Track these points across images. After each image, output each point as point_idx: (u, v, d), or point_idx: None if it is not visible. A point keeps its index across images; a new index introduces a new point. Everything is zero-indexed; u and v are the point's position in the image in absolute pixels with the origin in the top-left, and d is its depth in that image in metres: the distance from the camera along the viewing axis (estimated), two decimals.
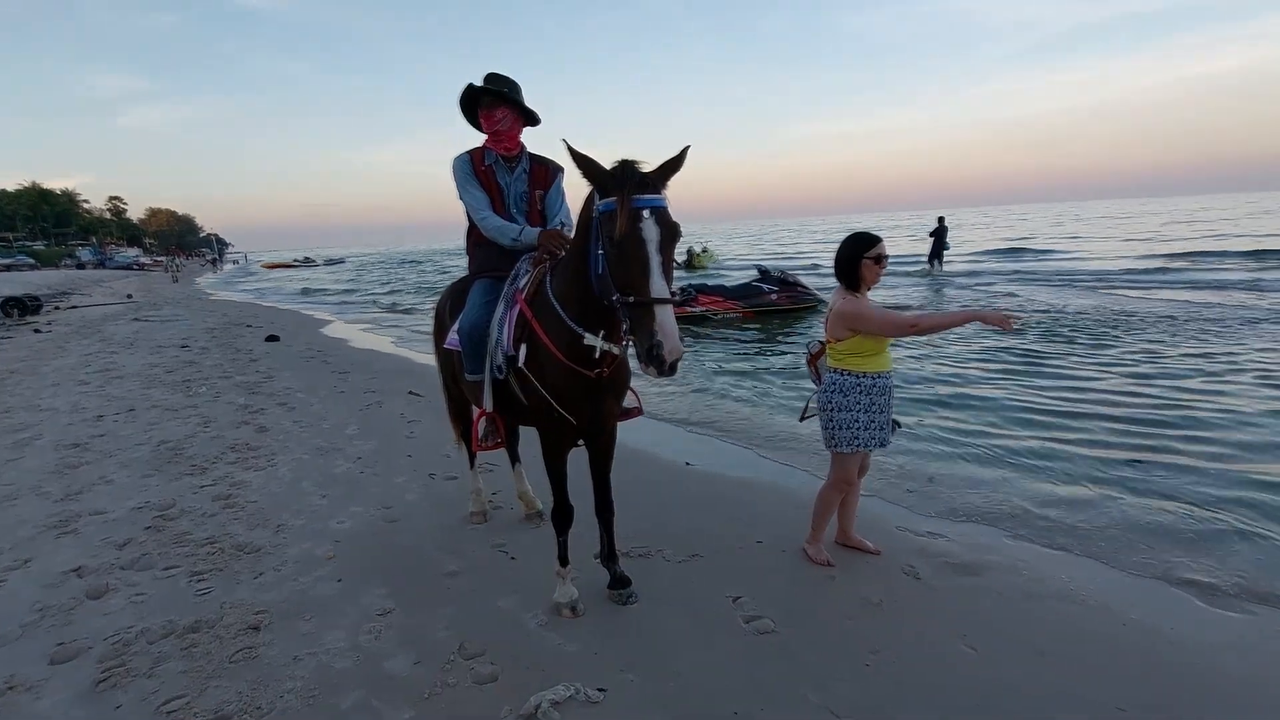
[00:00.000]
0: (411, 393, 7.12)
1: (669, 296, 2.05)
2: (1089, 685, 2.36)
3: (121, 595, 3.07)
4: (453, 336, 3.07)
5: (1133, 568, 3.22)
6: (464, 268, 3.34)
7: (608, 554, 3.03)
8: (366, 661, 2.56)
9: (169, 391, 7.53)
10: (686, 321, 12.43)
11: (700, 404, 6.69)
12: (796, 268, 19.37)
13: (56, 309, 19.48)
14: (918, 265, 21.33)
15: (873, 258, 2.98)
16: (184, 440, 5.51)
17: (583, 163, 2.19)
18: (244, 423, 6.07)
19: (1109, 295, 13.95)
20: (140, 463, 4.96)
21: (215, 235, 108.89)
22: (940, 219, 21.12)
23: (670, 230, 2.12)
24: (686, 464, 4.83)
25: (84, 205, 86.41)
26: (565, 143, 2.20)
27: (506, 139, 3.01)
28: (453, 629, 2.76)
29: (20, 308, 17.09)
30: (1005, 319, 2.70)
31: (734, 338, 10.61)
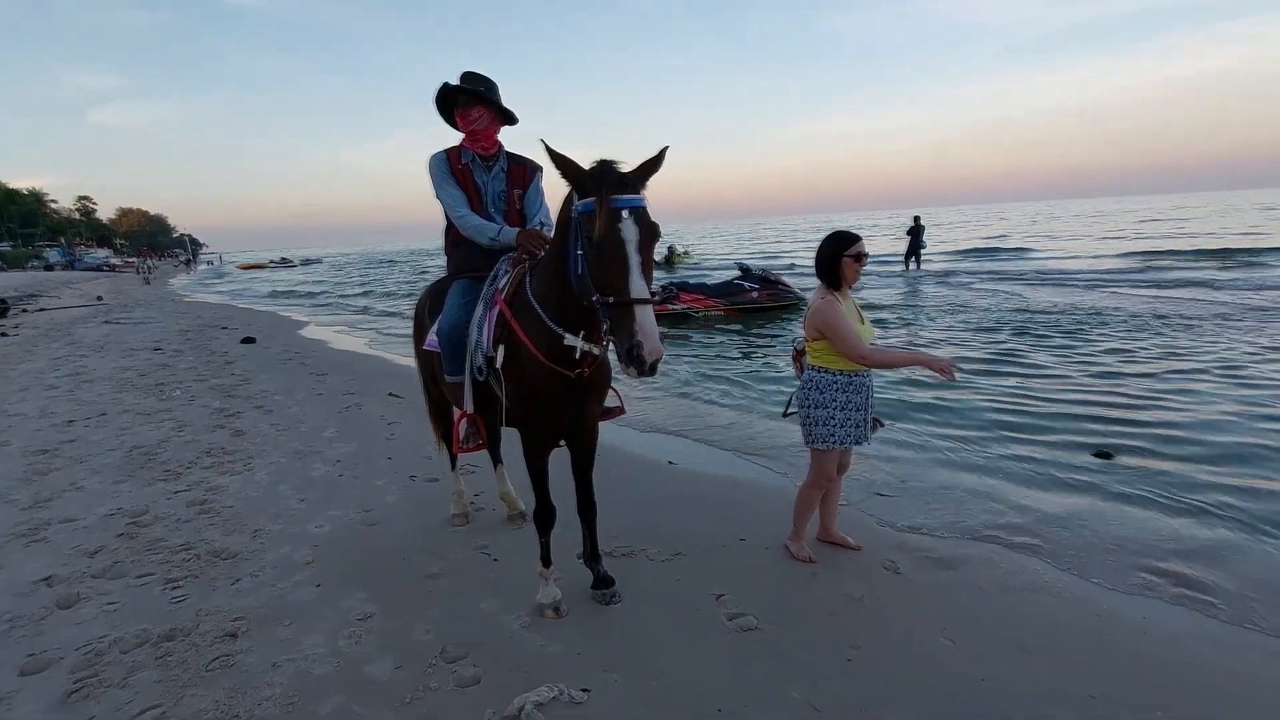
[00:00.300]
0: (392, 394, 7.05)
1: (648, 297, 2.05)
2: (1067, 678, 2.40)
3: (93, 604, 3.01)
4: (432, 338, 3.05)
5: (1106, 561, 3.28)
6: (442, 268, 3.32)
7: (590, 554, 3.03)
8: (347, 666, 2.53)
9: (141, 395, 7.38)
10: (669, 319, 12.46)
11: (682, 405, 6.70)
12: (776, 267, 19.50)
13: (24, 311, 18.98)
14: (897, 264, 21.55)
15: (852, 256, 3.02)
16: (157, 445, 5.41)
17: (561, 162, 2.18)
18: (219, 426, 5.97)
19: (1081, 293, 14.22)
20: (112, 468, 4.86)
21: (189, 236, 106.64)
22: (916, 218, 21.32)
23: (649, 230, 2.11)
24: (670, 463, 4.84)
25: (51, 205, 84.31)
26: (543, 142, 2.19)
27: (483, 138, 2.99)
28: (434, 632, 2.74)
29: None
30: (948, 368, 2.73)
31: (716, 340, 10.63)
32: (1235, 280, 14.68)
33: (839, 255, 3.03)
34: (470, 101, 2.91)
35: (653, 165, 2.19)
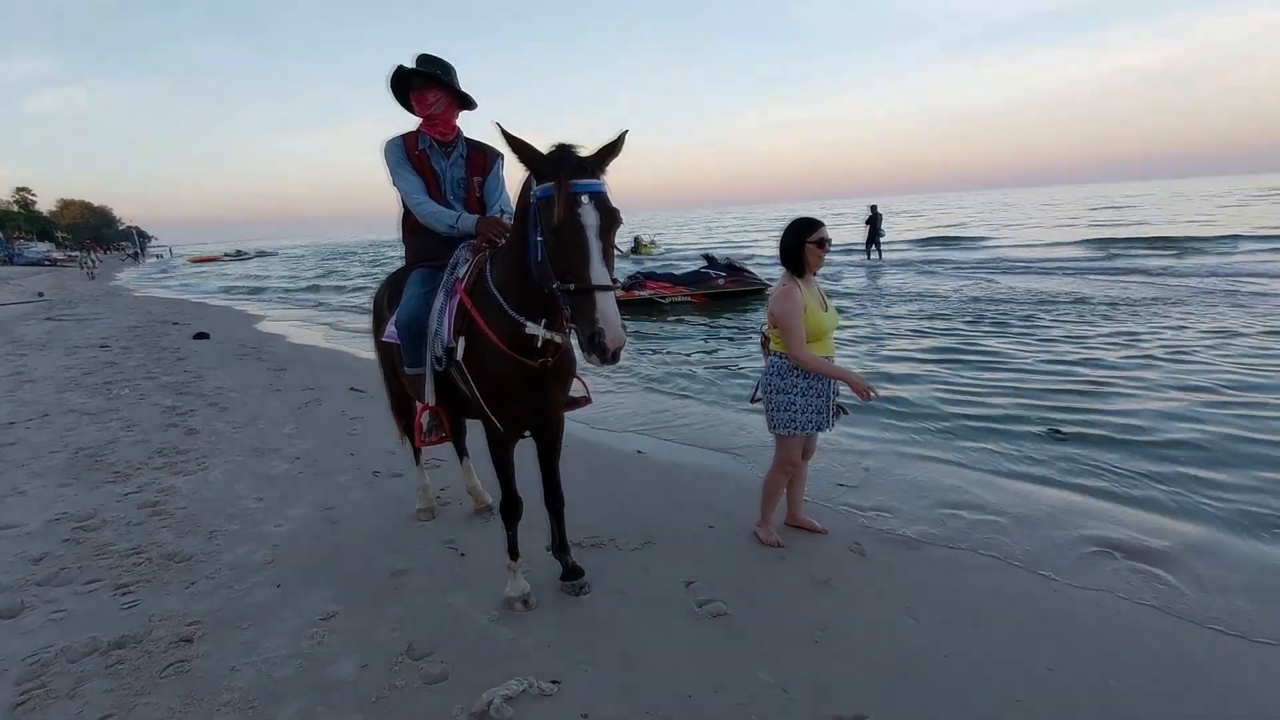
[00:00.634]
0: (353, 389, 6.90)
1: (610, 283, 2.02)
2: (1024, 652, 2.47)
3: (39, 613, 2.88)
4: (390, 329, 2.97)
5: (1060, 538, 3.37)
6: (401, 259, 3.24)
7: (559, 545, 3.00)
8: (309, 668, 2.47)
9: (87, 395, 7.07)
10: (635, 307, 12.44)
11: (650, 398, 6.70)
12: (740, 257, 19.59)
13: None
14: (860, 254, 21.80)
15: (815, 242, 3.04)
16: (105, 446, 5.19)
17: (518, 147, 2.13)
18: (171, 425, 5.76)
19: (1036, 279, 14.64)
20: (56, 471, 4.65)
21: (136, 228, 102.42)
22: (873, 207, 21.17)
23: (610, 216, 2.08)
24: (638, 452, 4.83)
25: None
26: (498, 125, 2.14)
27: (440, 123, 2.92)
28: (400, 629, 2.69)
29: None
30: (866, 390, 2.89)
31: (683, 334, 10.63)
32: (1170, 267, 15.29)
33: (802, 242, 3.04)
34: (426, 84, 2.83)
35: (612, 149, 2.16)
